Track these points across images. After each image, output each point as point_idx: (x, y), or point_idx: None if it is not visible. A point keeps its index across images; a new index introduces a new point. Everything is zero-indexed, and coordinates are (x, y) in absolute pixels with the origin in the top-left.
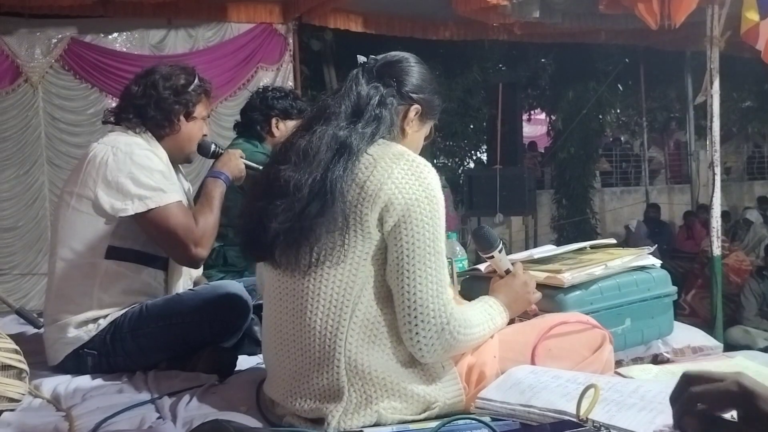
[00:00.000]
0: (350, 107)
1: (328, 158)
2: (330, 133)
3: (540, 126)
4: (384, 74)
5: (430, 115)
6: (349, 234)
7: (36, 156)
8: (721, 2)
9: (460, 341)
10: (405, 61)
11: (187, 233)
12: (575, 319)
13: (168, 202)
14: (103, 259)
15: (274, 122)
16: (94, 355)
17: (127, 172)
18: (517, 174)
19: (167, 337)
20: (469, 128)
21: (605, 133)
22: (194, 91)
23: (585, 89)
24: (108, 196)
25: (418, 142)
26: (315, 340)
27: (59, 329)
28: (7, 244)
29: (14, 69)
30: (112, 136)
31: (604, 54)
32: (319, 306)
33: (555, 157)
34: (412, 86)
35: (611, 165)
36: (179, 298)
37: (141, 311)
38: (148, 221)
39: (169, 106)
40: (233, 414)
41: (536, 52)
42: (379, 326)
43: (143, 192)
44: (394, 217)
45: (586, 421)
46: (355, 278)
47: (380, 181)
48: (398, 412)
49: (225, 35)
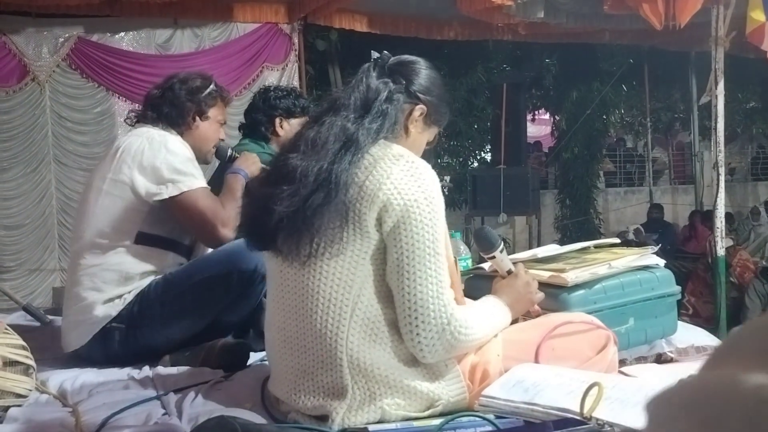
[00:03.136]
0: (359, 99)
1: (335, 149)
2: (339, 124)
3: (544, 126)
4: (395, 72)
5: (435, 119)
6: (348, 230)
7: (43, 154)
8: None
9: (462, 341)
10: (417, 63)
11: (216, 215)
12: (580, 319)
13: (198, 186)
14: (133, 244)
15: (278, 122)
16: (122, 328)
17: (163, 158)
18: (520, 174)
19: (192, 296)
20: (473, 128)
21: (609, 134)
22: (209, 95)
23: (589, 89)
24: (145, 181)
25: (420, 144)
26: (316, 339)
27: (84, 310)
28: (14, 241)
29: (21, 68)
30: (144, 129)
31: (608, 54)
32: (318, 304)
33: (559, 157)
34: (420, 86)
35: (615, 165)
36: (201, 258)
37: (166, 277)
38: (178, 204)
39: (182, 104)
40: (238, 411)
41: (541, 53)
42: (379, 325)
43: (176, 177)
44: (392, 218)
45: (589, 418)
46: (354, 276)
47: (379, 181)
48: (402, 408)
49: (231, 35)
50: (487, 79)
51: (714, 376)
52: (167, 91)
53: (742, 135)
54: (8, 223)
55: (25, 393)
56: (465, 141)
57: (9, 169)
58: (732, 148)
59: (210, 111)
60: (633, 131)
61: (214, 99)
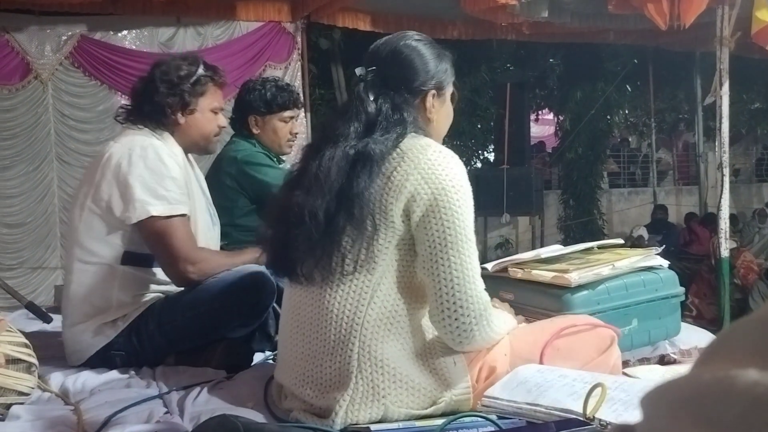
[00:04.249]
0: (362, 126)
1: (341, 178)
2: (339, 154)
3: (548, 126)
4: (387, 78)
5: (446, 84)
6: (377, 235)
7: (45, 152)
8: (731, 3)
9: (494, 330)
10: (399, 55)
11: (186, 250)
12: (584, 321)
13: (171, 213)
14: (120, 265)
15: (252, 120)
16: (122, 355)
17: (137, 175)
18: (524, 174)
19: (196, 326)
20: (476, 128)
21: (613, 134)
22: (197, 82)
23: (593, 89)
24: (118, 201)
25: (448, 114)
26: (332, 324)
27: (79, 332)
28: (17, 239)
29: (24, 66)
30: (129, 137)
31: (612, 54)
32: (338, 290)
33: (562, 157)
34: (418, 79)
35: (619, 166)
36: (203, 286)
37: (164, 305)
38: (146, 229)
39: (162, 100)
40: (240, 409)
41: (544, 52)
42: (396, 315)
43: (147, 198)
44: (421, 207)
45: (592, 419)
46: (375, 265)
47: (407, 172)
48: (405, 405)
49: (234, 33)
50: (490, 78)
51: (707, 372)
52: (148, 84)
53: (747, 136)
54: (10, 221)
55: (28, 391)
56: (468, 141)
57: (11, 167)
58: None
59: (199, 101)
60: (637, 132)
61: (204, 86)
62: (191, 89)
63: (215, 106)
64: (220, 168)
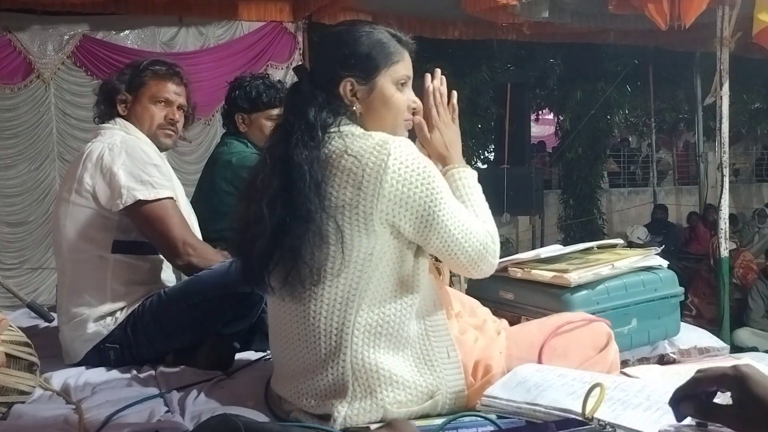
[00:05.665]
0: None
1: (285, 184)
2: (284, 158)
3: (548, 126)
4: (312, 73)
5: (376, 71)
6: (344, 241)
7: (47, 151)
8: (732, 3)
9: (496, 239)
10: (314, 48)
11: (183, 233)
12: (580, 317)
13: (157, 197)
14: (111, 254)
15: (239, 119)
16: (116, 348)
17: (120, 164)
18: (524, 174)
19: (191, 317)
20: (477, 127)
21: (613, 134)
22: (133, 75)
23: (593, 89)
24: (104, 189)
25: (384, 101)
26: (320, 340)
27: (76, 326)
28: (18, 238)
29: (26, 65)
30: (107, 134)
31: (613, 54)
32: (323, 306)
33: (562, 157)
34: (328, 68)
35: (619, 166)
36: (197, 278)
37: (160, 297)
38: (139, 216)
39: (109, 92)
40: (241, 409)
41: (545, 52)
42: (386, 318)
43: (133, 184)
44: (398, 204)
45: (591, 419)
46: (360, 277)
47: (376, 179)
48: (403, 405)
49: (235, 33)
50: (491, 78)
51: None
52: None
53: (747, 136)
54: (12, 220)
55: (29, 390)
56: (468, 141)
57: (13, 166)
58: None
59: (139, 93)
60: (637, 132)
61: (142, 77)
62: (129, 80)
63: (160, 96)
64: (214, 172)
